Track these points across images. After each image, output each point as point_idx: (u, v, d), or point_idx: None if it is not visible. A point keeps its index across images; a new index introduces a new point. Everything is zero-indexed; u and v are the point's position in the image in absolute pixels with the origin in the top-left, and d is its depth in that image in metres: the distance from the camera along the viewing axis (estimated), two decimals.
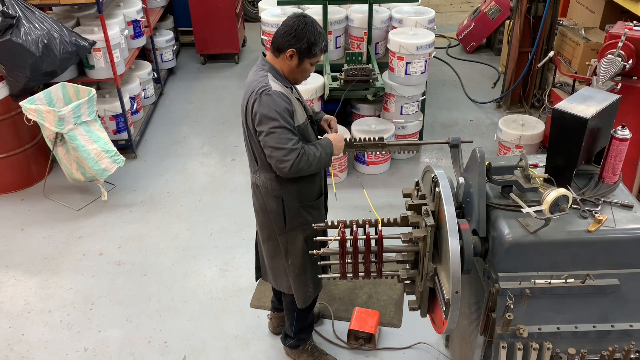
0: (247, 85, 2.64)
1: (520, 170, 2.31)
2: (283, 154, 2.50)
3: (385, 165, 4.99)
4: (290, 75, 2.65)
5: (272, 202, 2.75)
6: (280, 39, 2.57)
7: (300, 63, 2.60)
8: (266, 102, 2.50)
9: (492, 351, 2.37)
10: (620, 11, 4.88)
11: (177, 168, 5.11)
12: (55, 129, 4.15)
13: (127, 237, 4.27)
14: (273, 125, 2.50)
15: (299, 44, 2.54)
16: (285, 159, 2.50)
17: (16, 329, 3.53)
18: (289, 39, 2.55)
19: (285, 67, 2.62)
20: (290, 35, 2.54)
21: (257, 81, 2.57)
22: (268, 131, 2.51)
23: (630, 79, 3.83)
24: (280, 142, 2.50)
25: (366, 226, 2.42)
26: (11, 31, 4.13)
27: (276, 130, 2.50)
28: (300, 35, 2.54)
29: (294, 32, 2.54)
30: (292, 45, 2.55)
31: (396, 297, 3.66)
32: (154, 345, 3.41)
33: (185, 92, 6.50)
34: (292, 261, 2.86)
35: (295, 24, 2.55)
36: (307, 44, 2.55)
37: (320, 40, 2.58)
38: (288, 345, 3.22)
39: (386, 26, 5.21)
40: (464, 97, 6.24)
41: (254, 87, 2.56)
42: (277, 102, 2.51)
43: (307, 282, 2.91)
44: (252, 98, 2.54)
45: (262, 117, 2.51)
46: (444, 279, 2.23)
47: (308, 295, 2.95)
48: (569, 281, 2.18)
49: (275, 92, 2.52)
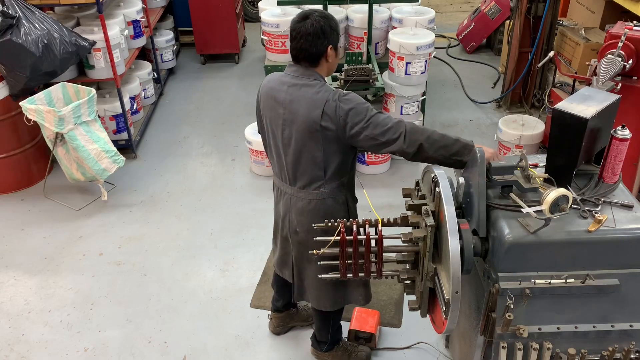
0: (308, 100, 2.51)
1: (520, 170, 2.31)
2: (392, 131, 2.43)
3: (385, 165, 4.99)
4: (329, 72, 2.66)
5: (340, 209, 2.71)
6: (314, 47, 2.52)
7: (337, 53, 2.64)
8: (350, 102, 2.46)
9: (492, 351, 2.37)
10: (620, 11, 4.88)
11: (177, 168, 5.11)
12: (55, 129, 4.15)
13: (127, 237, 4.27)
14: (368, 116, 2.44)
15: (330, 37, 2.54)
16: (396, 134, 2.43)
17: (16, 329, 3.53)
18: (322, 41, 2.52)
19: (327, 66, 2.61)
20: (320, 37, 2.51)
21: (322, 91, 2.50)
22: (365, 123, 2.44)
23: (630, 79, 3.83)
24: (384, 124, 2.43)
25: (366, 226, 2.42)
26: (11, 31, 4.12)
27: (371, 118, 2.43)
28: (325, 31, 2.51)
29: (321, 32, 2.50)
30: (327, 44, 2.54)
31: (396, 297, 3.66)
32: (154, 345, 3.41)
33: (185, 92, 6.50)
34: None
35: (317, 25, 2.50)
36: (334, 32, 2.57)
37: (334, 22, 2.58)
38: (324, 350, 3.19)
39: (386, 26, 5.21)
40: (464, 97, 6.24)
41: (325, 98, 2.47)
42: (357, 98, 2.49)
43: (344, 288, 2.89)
44: (332, 106, 2.45)
45: (353, 116, 2.44)
46: (444, 279, 2.23)
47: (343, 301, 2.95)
48: (569, 281, 2.18)
49: (347, 92, 2.51)
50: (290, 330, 3.45)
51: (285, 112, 2.57)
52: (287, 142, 2.60)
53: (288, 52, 5.13)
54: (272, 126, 2.65)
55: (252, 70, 6.96)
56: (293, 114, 2.54)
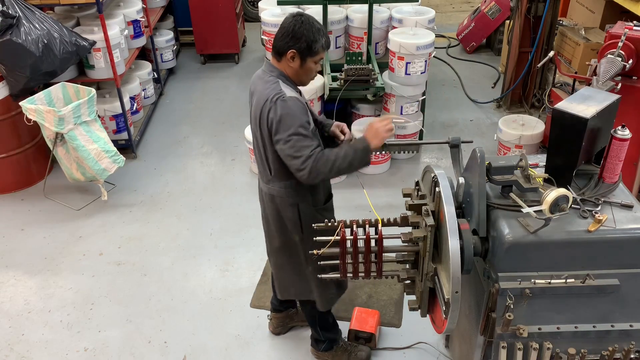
0: (259, 93, 2.56)
1: (520, 170, 2.31)
2: (300, 161, 2.44)
3: (385, 165, 4.99)
4: (295, 77, 2.60)
5: (288, 210, 2.71)
6: (280, 42, 2.52)
7: (303, 63, 2.55)
8: (282, 109, 2.45)
9: (492, 351, 2.37)
10: (620, 11, 4.88)
11: (177, 168, 5.11)
12: (55, 129, 4.15)
13: (127, 237, 4.27)
14: (290, 132, 2.44)
15: (298, 43, 2.49)
16: (302, 166, 2.45)
17: (16, 329, 3.53)
18: (287, 41, 2.50)
19: (290, 69, 2.57)
20: (288, 36, 2.49)
21: (270, 88, 2.51)
22: (285, 139, 2.45)
23: (630, 79, 3.83)
24: (297, 150, 2.44)
25: (366, 226, 2.42)
26: (11, 31, 4.13)
27: (292, 137, 2.44)
28: (297, 34, 2.48)
29: (292, 32, 2.48)
30: (291, 46, 2.50)
31: (396, 297, 3.66)
32: (154, 345, 3.41)
33: (185, 92, 6.50)
34: (312, 267, 2.80)
35: (291, 24, 2.49)
36: (306, 42, 2.49)
37: (319, 36, 2.51)
38: (322, 350, 3.21)
39: (386, 26, 5.21)
40: (464, 97, 6.24)
41: (267, 95, 2.49)
42: (293, 108, 2.46)
43: (328, 285, 2.90)
44: (267, 107, 2.48)
45: (277, 124, 2.46)
46: (444, 279, 2.23)
47: (331, 297, 2.96)
48: (569, 281, 2.18)
49: (290, 98, 2.47)
50: (290, 330, 3.45)
51: (251, 103, 2.67)
52: (252, 131, 2.72)
53: None
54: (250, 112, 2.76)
55: (252, 70, 6.80)
56: (252, 105, 2.64)
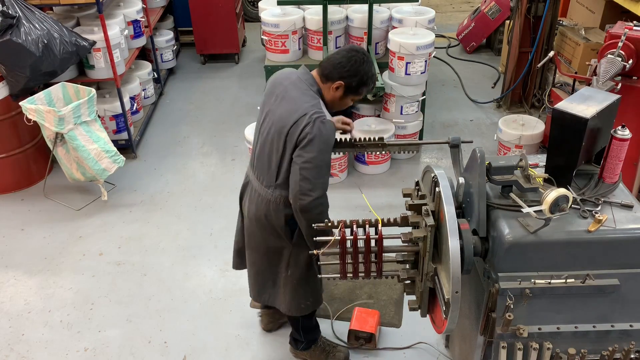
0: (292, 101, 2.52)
1: (520, 170, 2.31)
2: (309, 187, 2.46)
3: (385, 165, 4.99)
4: (330, 103, 2.64)
5: (281, 217, 2.71)
6: (332, 68, 2.54)
7: (344, 96, 2.60)
8: (320, 130, 2.43)
9: (492, 351, 2.37)
10: (620, 11, 4.88)
11: (177, 168, 5.11)
12: (55, 129, 4.15)
13: (127, 237, 4.27)
14: (320, 158, 2.45)
15: (351, 80, 2.53)
16: (309, 192, 2.47)
17: (16, 329, 3.53)
18: (342, 71, 2.53)
19: (329, 94, 2.60)
20: (344, 68, 2.52)
21: (310, 103, 2.50)
22: (309, 159, 2.45)
23: (630, 79, 3.83)
24: (314, 177, 2.46)
25: (366, 226, 2.42)
26: (11, 31, 4.12)
27: (317, 162, 2.45)
28: (355, 72, 2.53)
29: (350, 66, 2.52)
30: (342, 78, 2.53)
31: (396, 297, 3.66)
32: (154, 345, 3.41)
33: (185, 92, 6.50)
34: (292, 272, 2.85)
35: (354, 58, 2.52)
36: (357, 82, 2.55)
37: (371, 82, 2.59)
38: (300, 349, 3.22)
39: (386, 26, 5.21)
40: (464, 97, 6.24)
41: (307, 110, 2.46)
42: (330, 136, 2.47)
43: (304, 295, 2.91)
44: (305, 120, 2.44)
45: (309, 142, 2.44)
46: (444, 279, 2.23)
47: (302, 307, 2.95)
48: (569, 281, 2.18)
49: (329, 122, 2.48)
50: (283, 327, 3.45)
51: (274, 103, 2.62)
52: (263, 130, 2.65)
53: (288, 52, 5.21)
54: (263, 110, 2.70)
55: (252, 70, 6.96)
56: (277, 107, 2.58)
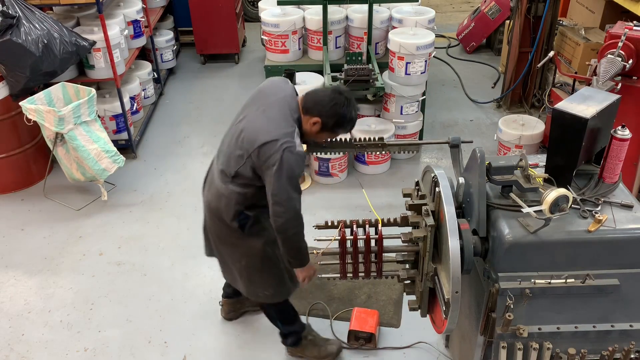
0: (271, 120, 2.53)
1: (520, 170, 2.31)
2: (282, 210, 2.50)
3: (385, 165, 4.99)
4: (306, 133, 2.67)
5: (231, 212, 2.70)
6: (314, 104, 2.58)
7: (319, 132, 2.64)
8: (289, 162, 2.45)
9: (492, 351, 2.37)
10: (620, 11, 4.88)
11: (177, 168, 5.10)
12: (55, 129, 4.15)
13: (127, 237, 4.27)
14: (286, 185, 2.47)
15: (327, 119, 2.58)
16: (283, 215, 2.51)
17: (16, 329, 3.53)
18: (320, 109, 2.57)
19: (306, 126, 2.64)
20: (324, 107, 2.56)
21: (286, 131, 2.49)
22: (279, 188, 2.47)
23: (630, 79, 3.83)
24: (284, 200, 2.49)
25: (366, 226, 2.42)
26: (11, 31, 4.12)
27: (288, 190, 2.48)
28: (332, 112, 2.57)
29: (330, 107, 2.56)
30: (321, 116, 2.57)
31: (395, 297, 3.66)
32: (154, 345, 3.41)
33: (185, 92, 6.50)
34: (246, 263, 2.86)
35: (335, 100, 2.56)
36: (334, 122, 2.59)
37: (348, 125, 2.64)
38: (290, 344, 3.22)
39: (386, 26, 5.21)
40: (464, 97, 6.24)
41: (279, 136, 2.47)
42: (296, 165, 2.48)
43: (262, 284, 2.91)
44: (275, 147, 2.45)
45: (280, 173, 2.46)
46: (444, 279, 2.23)
47: (260, 295, 2.96)
48: (569, 281, 2.19)
49: (297, 153, 2.49)
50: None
51: (255, 111, 2.61)
52: (235, 131, 2.66)
53: (288, 52, 5.21)
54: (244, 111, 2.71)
55: (252, 70, 6.96)
56: (256, 118, 2.58)
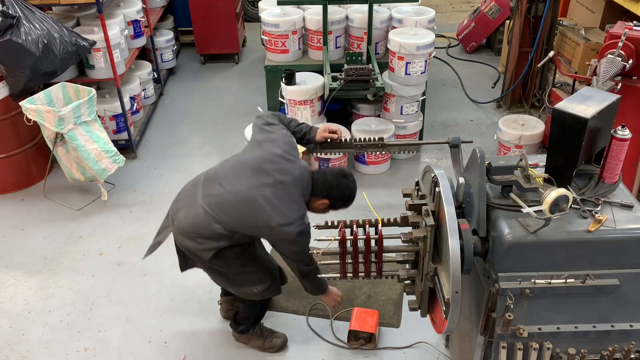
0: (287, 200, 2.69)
1: (520, 170, 2.31)
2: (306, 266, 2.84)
3: (385, 165, 4.99)
4: (310, 209, 2.85)
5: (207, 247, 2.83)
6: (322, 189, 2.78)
7: (324, 210, 2.86)
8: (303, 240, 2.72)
9: (492, 351, 2.37)
10: (620, 11, 4.88)
11: (177, 168, 5.10)
12: (55, 129, 4.15)
13: (127, 237, 4.27)
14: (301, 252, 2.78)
15: (336, 201, 2.81)
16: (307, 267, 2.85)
17: (16, 329, 3.53)
18: (329, 193, 2.78)
19: (314, 205, 2.82)
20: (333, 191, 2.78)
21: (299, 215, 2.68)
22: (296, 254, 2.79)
23: (630, 79, 3.83)
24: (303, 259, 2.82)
25: (366, 226, 2.42)
26: (11, 31, 4.12)
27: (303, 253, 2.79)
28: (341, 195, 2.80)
29: (340, 191, 2.79)
30: (329, 197, 2.79)
31: (395, 297, 3.66)
32: (154, 345, 3.41)
33: (185, 92, 6.50)
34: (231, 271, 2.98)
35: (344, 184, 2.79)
36: (341, 203, 2.84)
37: (348, 203, 2.87)
38: (239, 332, 3.31)
39: (386, 26, 5.21)
40: (464, 97, 6.24)
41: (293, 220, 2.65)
42: (306, 241, 2.74)
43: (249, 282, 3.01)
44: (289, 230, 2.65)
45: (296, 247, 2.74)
46: (444, 279, 2.23)
47: (249, 293, 3.05)
48: (569, 281, 2.19)
49: (306, 229, 2.71)
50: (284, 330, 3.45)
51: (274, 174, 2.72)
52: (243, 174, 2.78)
53: (288, 52, 5.21)
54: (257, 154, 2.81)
55: (252, 70, 6.96)
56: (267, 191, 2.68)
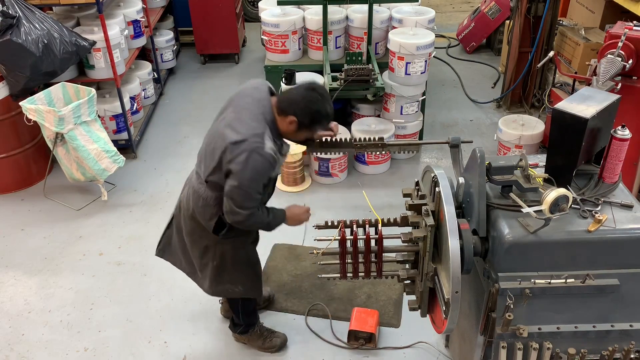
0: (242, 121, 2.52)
1: (520, 170, 2.31)
2: (236, 208, 2.53)
3: (385, 165, 4.99)
4: (285, 135, 2.64)
5: (207, 214, 2.74)
6: (288, 104, 2.55)
7: (298, 131, 2.60)
8: (255, 163, 2.45)
9: (492, 351, 2.37)
10: (620, 11, 4.88)
11: (177, 168, 5.10)
12: (55, 129, 4.15)
13: (127, 237, 4.27)
14: (248, 186, 2.49)
15: (303, 117, 2.53)
16: (238, 211, 2.54)
17: (16, 329, 3.53)
18: (295, 108, 2.53)
19: (284, 127, 2.60)
20: (298, 105, 2.52)
21: (255, 132, 2.48)
22: (237, 185, 2.49)
23: (630, 79, 3.83)
24: (241, 200, 2.52)
25: (366, 226, 2.42)
26: (11, 31, 4.12)
27: (244, 190, 2.50)
28: (307, 110, 2.53)
29: (304, 105, 2.52)
30: (295, 114, 2.53)
31: (395, 297, 3.66)
32: (154, 345, 3.41)
33: (185, 92, 6.50)
34: (216, 264, 2.92)
35: (308, 97, 2.53)
36: (310, 120, 2.55)
37: (325, 120, 2.60)
38: (238, 332, 3.31)
39: (386, 26, 5.21)
40: (464, 97, 6.24)
41: (248, 136, 2.46)
42: (261, 167, 2.48)
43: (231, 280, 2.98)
44: (242, 147, 2.45)
45: (243, 172, 2.47)
46: (444, 278, 2.23)
47: (230, 291, 3.04)
48: (569, 281, 2.19)
49: (267, 154, 2.47)
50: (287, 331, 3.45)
51: (231, 112, 2.61)
52: (213, 132, 2.66)
53: (288, 52, 5.21)
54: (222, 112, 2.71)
55: (252, 70, 6.96)
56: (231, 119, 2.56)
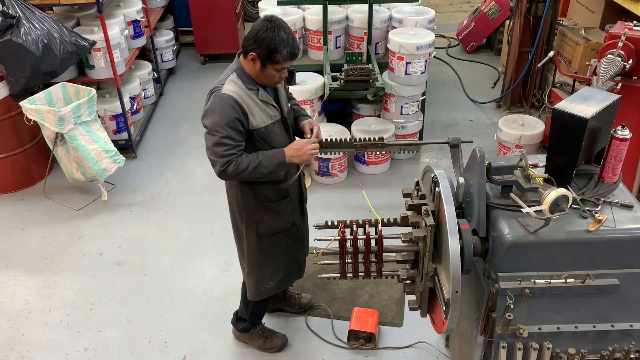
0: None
1: (520, 170, 2.31)
2: (213, 157, 2.58)
3: (385, 165, 4.99)
4: (256, 78, 2.63)
5: (232, 194, 2.85)
6: (245, 42, 2.56)
7: (263, 68, 2.57)
8: (212, 103, 2.56)
9: (492, 351, 2.37)
10: (620, 11, 4.88)
11: (177, 168, 5.11)
12: (55, 129, 4.15)
13: (127, 237, 4.27)
14: (211, 129, 2.56)
15: (259, 49, 2.51)
16: (214, 159, 2.59)
17: (16, 329, 3.53)
18: (250, 42, 2.53)
19: (251, 70, 2.60)
20: (252, 39, 2.52)
21: (218, 80, 2.62)
22: (206, 132, 2.58)
23: (630, 79, 3.83)
24: (211, 145, 2.56)
25: (366, 226, 2.42)
26: (11, 31, 4.13)
27: (211, 135, 2.56)
28: (259, 39, 2.50)
29: (255, 36, 2.51)
30: (253, 49, 2.53)
31: (397, 297, 3.66)
32: (154, 345, 3.41)
33: (185, 92, 6.50)
34: (247, 255, 2.95)
35: (257, 27, 2.52)
36: (266, 49, 2.50)
37: (282, 47, 2.49)
38: (239, 329, 3.30)
39: (386, 26, 5.21)
40: (464, 97, 6.24)
41: (214, 84, 2.63)
42: (220, 105, 2.53)
43: (262, 278, 2.98)
44: (207, 97, 2.62)
45: (204, 115, 2.58)
46: (444, 279, 2.23)
47: (262, 290, 3.02)
48: (569, 281, 2.19)
49: (223, 95, 2.53)
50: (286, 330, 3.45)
51: None
52: None
53: None
54: None
55: None
56: None
